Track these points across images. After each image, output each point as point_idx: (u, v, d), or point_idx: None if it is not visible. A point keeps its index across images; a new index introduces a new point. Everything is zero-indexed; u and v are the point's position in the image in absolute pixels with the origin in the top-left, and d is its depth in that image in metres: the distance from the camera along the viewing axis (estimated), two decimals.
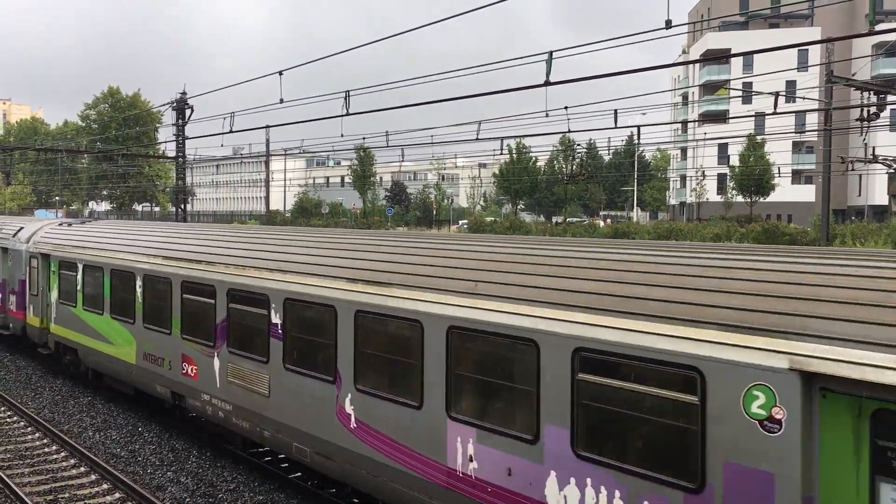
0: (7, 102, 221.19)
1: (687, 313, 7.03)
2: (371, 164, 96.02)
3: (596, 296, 7.81)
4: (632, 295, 7.56)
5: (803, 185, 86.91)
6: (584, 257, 8.67)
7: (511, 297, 8.50)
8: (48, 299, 20.51)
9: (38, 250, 20.99)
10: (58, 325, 19.97)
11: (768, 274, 7.04)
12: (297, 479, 12.91)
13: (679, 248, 8.78)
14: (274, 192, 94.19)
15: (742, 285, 6.97)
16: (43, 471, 13.97)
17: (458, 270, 9.41)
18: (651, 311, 7.29)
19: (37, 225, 22.95)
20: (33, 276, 21.38)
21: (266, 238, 14.06)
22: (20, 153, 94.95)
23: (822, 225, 39.65)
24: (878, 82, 38.43)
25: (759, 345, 6.34)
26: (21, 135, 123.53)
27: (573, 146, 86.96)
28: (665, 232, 59.64)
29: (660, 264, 7.93)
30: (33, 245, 21.51)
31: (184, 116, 43.55)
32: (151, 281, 15.62)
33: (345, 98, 18.56)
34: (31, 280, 21.51)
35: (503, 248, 9.71)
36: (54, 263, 19.99)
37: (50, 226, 22.42)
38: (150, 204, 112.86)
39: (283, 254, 12.52)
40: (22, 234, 22.78)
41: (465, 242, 10.58)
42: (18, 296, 22.53)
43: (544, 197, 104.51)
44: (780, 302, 6.57)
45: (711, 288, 7.13)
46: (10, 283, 23.24)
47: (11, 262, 22.97)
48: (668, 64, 15.01)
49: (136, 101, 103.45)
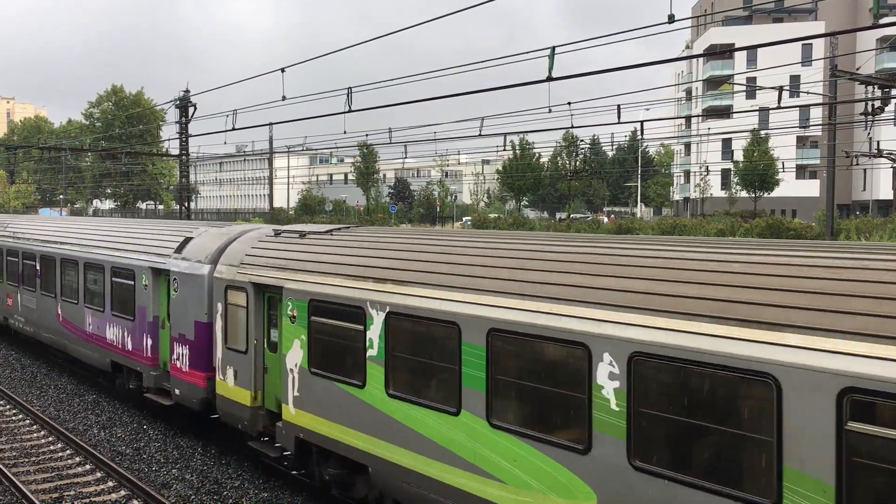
0: (11, 101, 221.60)
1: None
2: (374, 162, 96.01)
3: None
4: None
5: (807, 180, 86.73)
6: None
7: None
8: (277, 362, 12.63)
9: (248, 279, 13.03)
10: (309, 413, 11.70)
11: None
12: (301, 477, 12.91)
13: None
14: (277, 190, 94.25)
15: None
16: (48, 468, 14.00)
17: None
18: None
19: (221, 235, 15.07)
20: (235, 318, 13.49)
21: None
22: (24, 152, 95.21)
23: (827, 220, 39.53)
24: (883, 76, 38.31)
25: None
26: (25, 133, 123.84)
27: (576, 142, 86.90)
28: (669, 228, 59.55)
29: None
30: (231, 268, 13.62)
31: (187, 114, 43.55)
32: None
33: (347, 95, 18.55)
34: (232, 325, 13.60)
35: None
36: (295, 304, 11.87)
37: (254, 237, 14.24)
38: (154, 202, 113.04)
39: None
40: (196, 248, 15.09)
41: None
42: (195, 347, 14.55)
43: (548, 193, 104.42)
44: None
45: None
46: (178, 326, 15.08)
47: (178, 292, 15.12)
48: (672, 59, 14.98)
49: (140, 99, 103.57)
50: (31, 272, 22.42)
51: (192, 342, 14.60)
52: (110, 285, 17.71)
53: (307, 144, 59.76)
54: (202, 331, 14.37)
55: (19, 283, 23.29)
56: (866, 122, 29.72)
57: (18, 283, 23.33)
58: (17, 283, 23.39)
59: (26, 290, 22.75)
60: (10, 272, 24.23)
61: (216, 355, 13.97)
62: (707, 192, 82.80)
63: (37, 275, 21.91)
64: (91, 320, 18.60)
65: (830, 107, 37.88)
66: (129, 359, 16.90)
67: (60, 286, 20.38)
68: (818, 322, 6.21)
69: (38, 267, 21.89)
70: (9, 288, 24.22)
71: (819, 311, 6.30)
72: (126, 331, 16.93)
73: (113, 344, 17.53)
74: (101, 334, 18.11)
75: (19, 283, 23.29)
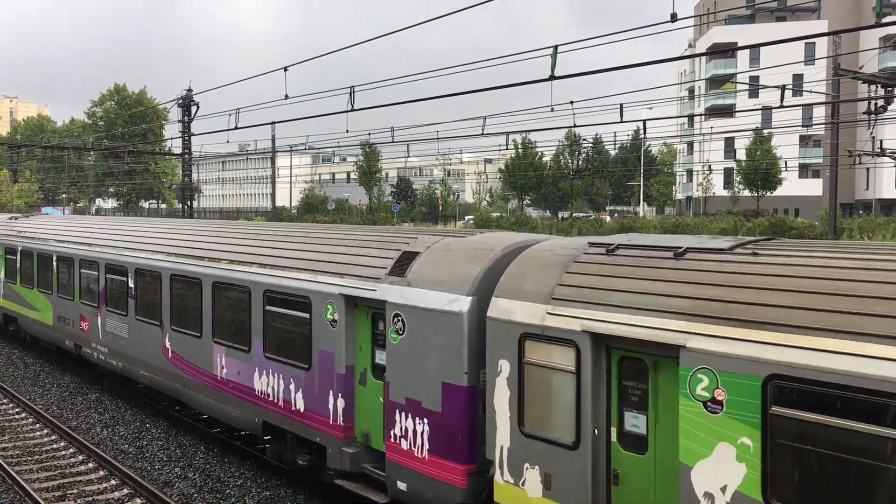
0: (14, 100, 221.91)
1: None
2: (376, 160, 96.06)
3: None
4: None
5: (810, 179, 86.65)
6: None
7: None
8: (647, 471, 7.87)
9: (586, 326, 8.11)
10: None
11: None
12: (304, 476, 12.92)
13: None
14: (280, 189, 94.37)
15: None
16: (51, 467, 14.02)
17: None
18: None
19: (476, 249, 10.08)
20: (546, 389, 8.61)
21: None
22: (27, 151, 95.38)
23: (830, 219, 39.51)
24: (886, 75, 38.26)
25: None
26: (28, 132, 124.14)
27: (579, 141, 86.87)
28: (672, 227, 59.55)
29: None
30: (532, 305, 8.70)
31: (189, 113, 43.58)
32: None
33: (350, 94, 18.56)
34: (537, 398, 8.72)
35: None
36: (726, 381, 6.89)
37: (551, 254, 9.22)
38: (157, 201, 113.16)
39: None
40: (432, 268, 10.15)
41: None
42: (445, 424, 9.71)
43: (550, 192, 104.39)
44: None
45: None
46: (405, 387, 10.19)
47: (405, 335, 10.12)
48: (674, 57, 14.97)
49: (142, 98, 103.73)
50: (118, 289, 17.58)
51: (436, 415, 9.65)
52: (263, 317, 12.74)
53: (310, 143, 59.80)
54: (460, 400, 9.38)
55: (100, 303, 18.39)
56: (869, 121, 29.68)
57: (98, 303, 18.45)
58: (97, 302, 18.53)
59: (111, 313, 17.83)
60: (85, 288, 19.32)
61: (495, 442, 8.98)
62: (710, 191, 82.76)
63: (129, 294, 17.03)
64: (226, 362, 13.71)
65: (833, 106, 37.83)
66: (301, 423, 11.91)
67: (170, 311, 15.53)
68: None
69: (131, 284, 16.98)
70: (83, 308, 19.28)
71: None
72: (293, 383, 12.05)
73: (267, 399, 12.63)
74: (243, 383, 13.25)
75: (100, 303, 18.39)
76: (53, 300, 21.03)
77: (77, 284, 19.57)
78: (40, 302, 21.93)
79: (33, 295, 22.43)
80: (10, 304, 24.50)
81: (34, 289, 22.29)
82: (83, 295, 19.28)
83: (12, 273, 24.07)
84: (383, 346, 10.58)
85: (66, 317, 20.21)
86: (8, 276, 24.50)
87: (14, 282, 23.91)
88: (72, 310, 19.85)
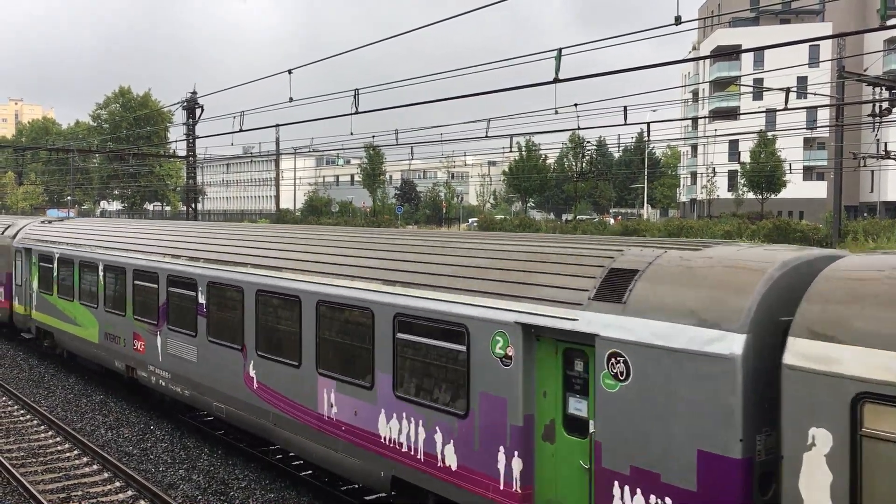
0: (19, 103, 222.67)
1: None
2: (380, 163, 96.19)
3: None
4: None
5: (815, 182, 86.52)
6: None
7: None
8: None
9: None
10: None
11: None
12: (308, 477, 12.94)
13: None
14: (284, 191, 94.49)
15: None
16: (56, 469, 14.05)
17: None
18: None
19: (758, 262, 7.46)
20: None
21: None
22: (32, 153, 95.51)
23: (834, 221, 39.45)
24: (891, 77, 38.20)
25: None
26: (33, 135, 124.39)
27: (583, 143, 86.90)
28: (676, 229, 59.51)
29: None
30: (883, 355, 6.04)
31: (194, 116, 43.69)
32: None
33: (354, 96, 18.59)
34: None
35: None
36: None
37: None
38: (161, 203, 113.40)
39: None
40: (669, 293, 7.65)
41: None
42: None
43: (554, 195, 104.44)
44: None
45: None
46: (634, 452, 7.69)
47: (630, 382, 7.67)
48: (678, 60, 14.97)
49: (147, 100, 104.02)
50: (184, 305, 15.09)
51: (687, 495, 7.16)
52: (393, 347, 10.32)
53: (314, 146, 59.91)
54: (730, 475, 6.86)
55: (160, 320, 15.94)
56: (874, 124, 29.65)
57: (158, 320, 15.99)
58: (156, 319, 16.08)
59: (175, 332, 15.38)
60: (140, 303, 16.73)
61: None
62: (714, 193, 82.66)
63: (199, 311, 14.55)
64: (336, 399, 11.29)
65: (838, 108, 37.80)
66: (453, 484, 9.49)
67: (255, 334, 13.01)
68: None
69: (201, 299, 14.48)
70: (138, 326, 16.80)
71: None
72: (440, 433, 9.63)
73: (399, 449, 10.20)
74: (362, 427, 10.81)
75: (160, 320, 15.94)
76: (99, 315, 18.52)
77: (130, 298, 16.98)
78: (83, 316, 19.43)
79: (73, 308, 19.94)
80: (45, 318, 22.00)
81: (75, 301, 19.85)
82: (138, 310, 16.74)
83: (48, 283, 21.56)
84: (578, 393, 8.24)
85: (116, 335, 17.69)
86: (43, 286, 21.98)
87: (49, 293, 21.43)
88: (123, 327, 17.27)
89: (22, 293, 23.84)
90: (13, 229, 25.05)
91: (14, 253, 24.28)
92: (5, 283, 24.78)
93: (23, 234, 24.13)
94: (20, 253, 23.86)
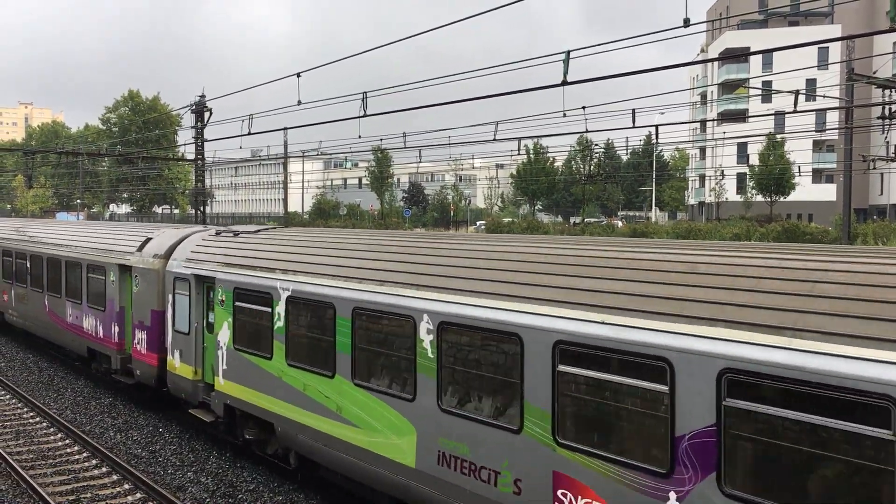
0: (29, 106, 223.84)
1: None
2: (388, 166, 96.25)
3: None
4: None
5: (824, 185, 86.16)
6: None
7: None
8: None
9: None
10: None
11: None
12: (316, 481, 12.93)
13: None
14: (292, 194, 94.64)
15: None
16: (65, 471, 14.10)
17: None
18: None
19: None
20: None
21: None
22: (42, 156, 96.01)
23: (844, 224, 39.27)
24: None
25: None
26: (43, 138, 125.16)
27: (591, 146, 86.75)
28: (684, 232, 59.35)
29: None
30: None
31: (203, 119, 43.80)
32: None
33: (362, 100, 18.60)
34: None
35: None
36: None
37: None
38: (170, 206, 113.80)
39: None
40: None
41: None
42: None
43: (562, 197, 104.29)
44: None
45: None
46: None
47: None
48: (687, 62, 14.92)
49: (156, 104, 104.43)
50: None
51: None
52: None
53: (322, 149, 60.00)
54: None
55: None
56: (883, 126, 29.52)
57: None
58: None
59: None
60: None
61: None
62: (722, 196, 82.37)
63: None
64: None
65: (847, 110, 37.65)
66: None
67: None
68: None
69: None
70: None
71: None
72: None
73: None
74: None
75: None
76: (423, 418, 9.69)
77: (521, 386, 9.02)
78: (371, 411, 10.49)
79: (338, 390, 11.07)
80: (252, 396, 13.10)
81: (339, 377, 11.05)
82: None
83: (257, 338, 12.99)
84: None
85: (461, 457, 9.22)
86: (244, 341, 13.37)
87: (264, 355, 12.70)
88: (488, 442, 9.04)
89: (190, 346, 15.21)
90: (162, 243, 16.92)
91: (170, 282, 15.92)
92: (151, 327, 16.62)
93: (188, 251, 15.71)
94: (184, 282, 15.38)
